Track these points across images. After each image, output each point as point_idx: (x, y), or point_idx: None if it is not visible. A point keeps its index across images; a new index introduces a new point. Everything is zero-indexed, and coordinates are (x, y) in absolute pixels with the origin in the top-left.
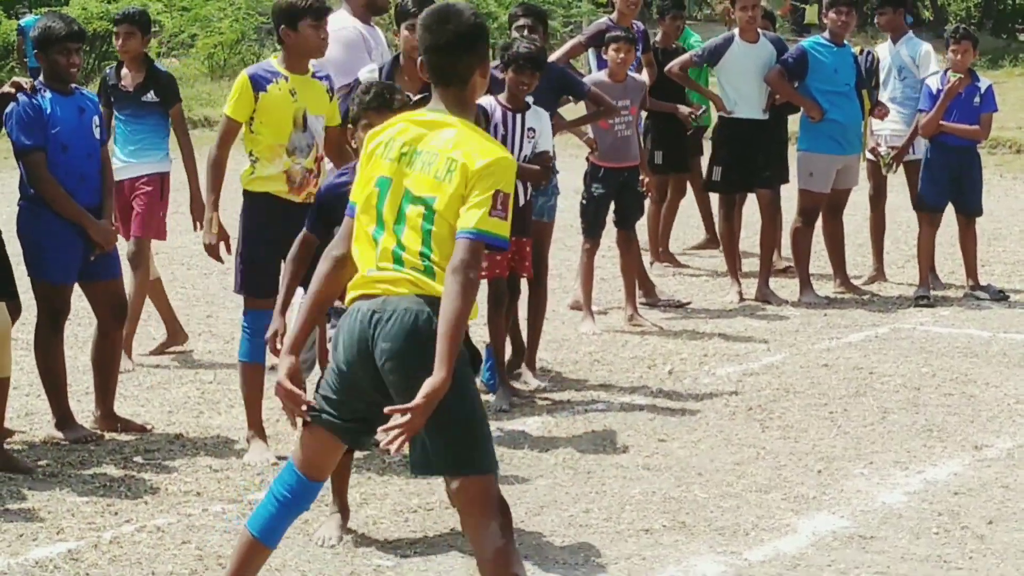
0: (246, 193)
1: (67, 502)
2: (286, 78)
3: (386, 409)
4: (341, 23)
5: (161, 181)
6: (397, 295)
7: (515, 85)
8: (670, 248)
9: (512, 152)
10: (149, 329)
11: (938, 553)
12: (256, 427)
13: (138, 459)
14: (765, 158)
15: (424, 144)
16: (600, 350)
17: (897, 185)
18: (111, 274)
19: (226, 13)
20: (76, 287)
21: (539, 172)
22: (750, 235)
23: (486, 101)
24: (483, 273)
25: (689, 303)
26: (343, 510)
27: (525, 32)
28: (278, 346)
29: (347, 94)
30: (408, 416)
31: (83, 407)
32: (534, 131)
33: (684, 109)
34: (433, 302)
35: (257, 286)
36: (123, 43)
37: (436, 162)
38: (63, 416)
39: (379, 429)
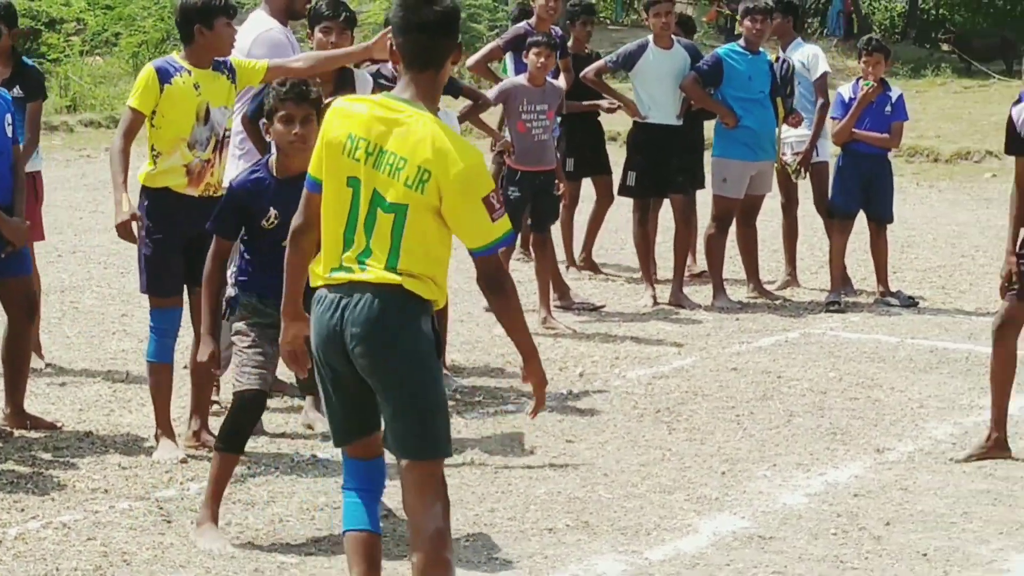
0: (145, 190)
1: None
2: (190, 72)
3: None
4: (266, 24)
5: (34, 180)
6: (362, 283)
7: None
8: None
9: None
10: (64, 328)
11: (835, 553)
12: (164, 426)
13: (46, 456)
14: (679, 163)
15: (390, 143)
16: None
17: (810, 191)
18: (22, 271)
19: (150, 12)
20: None
21: None
22: (667, 239)
23: None
24: None
25: (603, 306)
26: (214, 518)
27: None
28: (214, 371)
29: (259, 92)
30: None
31: None
32: None
33: (604, 102)
34: (396, 291)
35: (160, 285)
36: None
37: (405, 168)
38: None
39: (435, 442)
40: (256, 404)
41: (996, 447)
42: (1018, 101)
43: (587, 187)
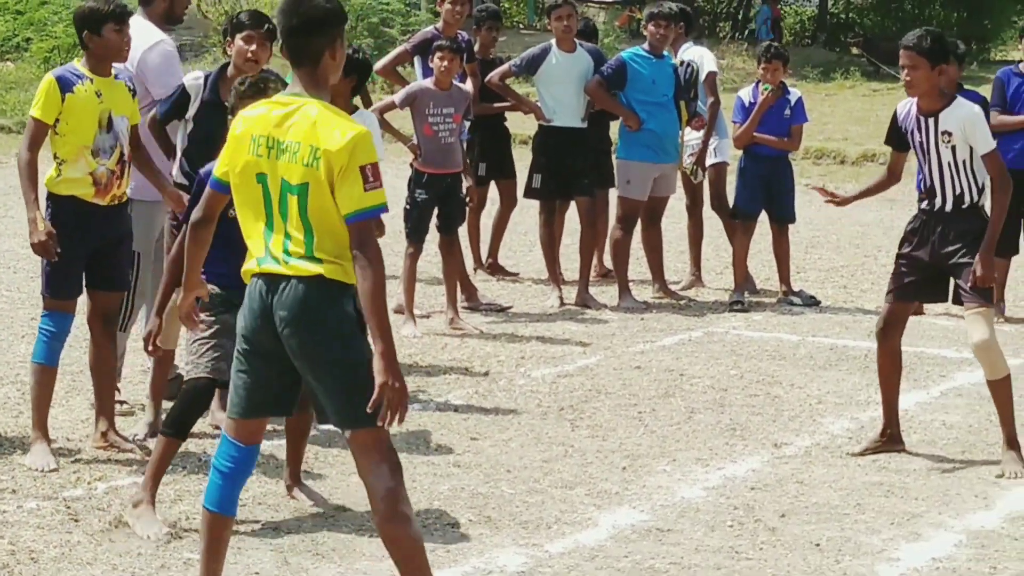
0: (51, 196)
1: None
2: (91, 80)
3: (371, 404)
4: (155, 35)
5: None
6: (288, 275)
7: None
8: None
9: None
10: None
11: (731, 544)
12: (41, 429)
13: None
14: (583, 165)
15: (284, 135)
16: (420, 352)
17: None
18: None
19: (60, 17)
20: None
21: None
22: (574, 241)
23: None
24: None
25: (510, 307)
26: (151, 500)
27: None
28: (151, 347)
29: (168, 98)
30: (386, 391)
31: None
32: None
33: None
34: (317, 280)
35: (60, 288)
36: None
37: (300, 151)
38: None
39: (374, 410)
40: (207, 393)
41: (890, 441)
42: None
43: (494, 190)
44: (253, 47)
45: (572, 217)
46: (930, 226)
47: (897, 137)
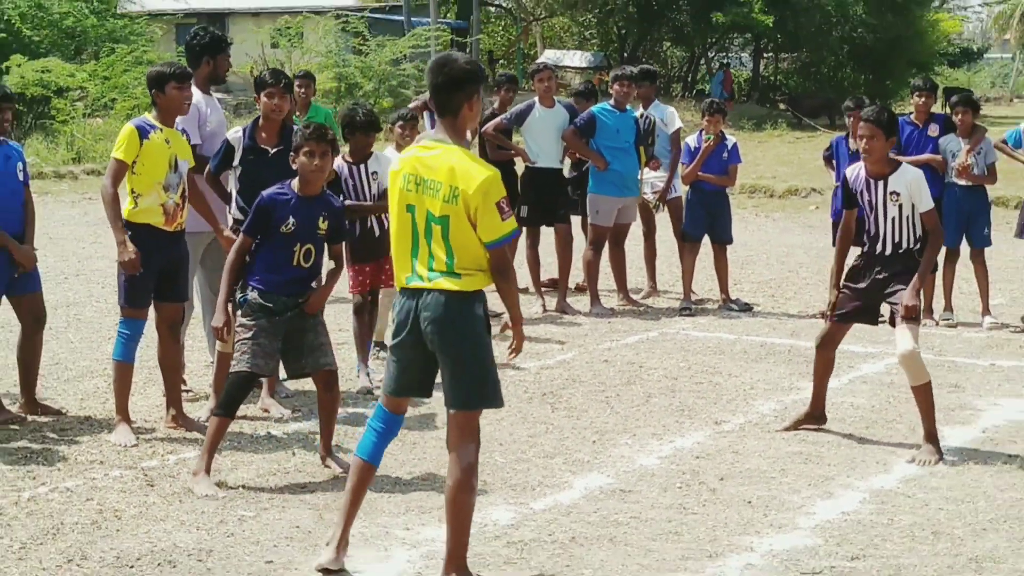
0: (129, 224)
1: None
2: (161, 129)
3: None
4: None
5: None
6: (432, 289)
7: (355, 145)
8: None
9: (362, 196)
10: (69, 335)
11: (679, 502)
12: (123, 413)
13: (53, 436)
14: (561, 199)
15: (428, 173)
16: None
17: (665, 220)
18: (33, 288)
19: (139, 81)
20: (4, 300)
21: (382, 206)
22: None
23: (336, 163)
24: (355, 289)
25: (502, 314)
26: (207, 469)
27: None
28: (224, 336)
29: (216, 154)
30: (518, 341)
31: (12, 396)
32: (376, 173)
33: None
34: (455, 294)
35: (136, 299)
36: None
37: (441, 189)
38: None
39: (475, 398)
40: (247, 382)
41: (810, 419)
42: (828, 148)
43: None
44: (276, 100)
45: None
46: (871, 266)
47: (851, 199)
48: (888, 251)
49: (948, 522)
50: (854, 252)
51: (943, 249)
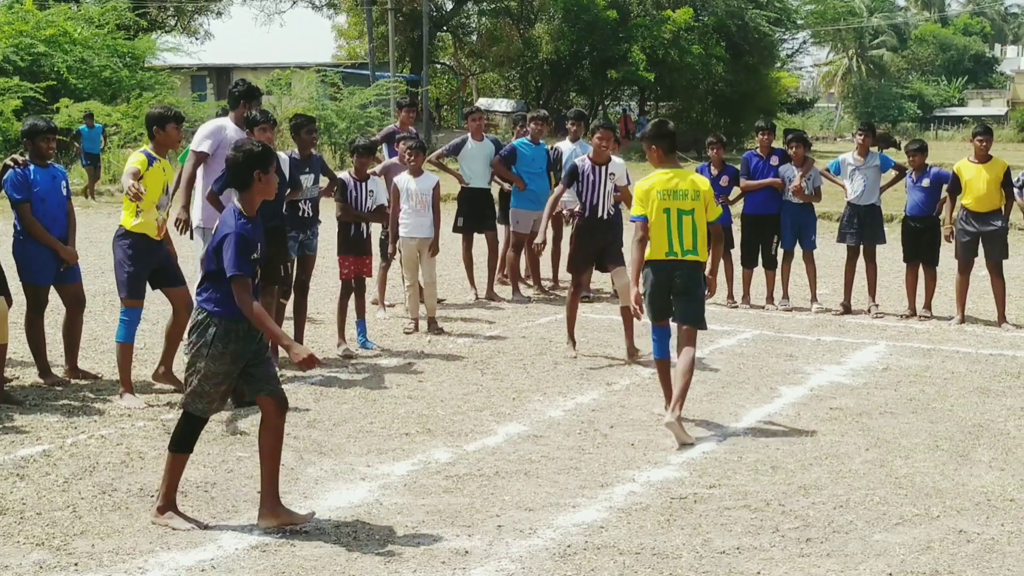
0: (130, 233)
1: (44, 421)
2: (159, 159)
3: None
4: (223, 124)
5: None
6: (683, 261)
7: (359, 164)
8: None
9: (361, 207)
10: (105, 316)
11: (579, 445)
12: (127, 385)
13: (91, 395)
14: (489, 211)
15: (676, 185)
16: (388, 328)
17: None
18: (74, 279)
19: None
20: (53, 288)
21: (374, 217)
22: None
23: (343, 175)
24: (348, 273)
25: (444, 299)
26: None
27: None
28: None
29: (218, 178)
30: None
31: (59, 364)
32: (373, 192)
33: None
34: (696, 263)
35: (134, 291)
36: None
37: (690, 192)
38: (43, 368)
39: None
40: (199, 423)
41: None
42: (698, 171)
43: None
44: (267, 133)
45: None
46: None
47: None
48: (604, 217)
49: (783, 459)
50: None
51: (781, 250)
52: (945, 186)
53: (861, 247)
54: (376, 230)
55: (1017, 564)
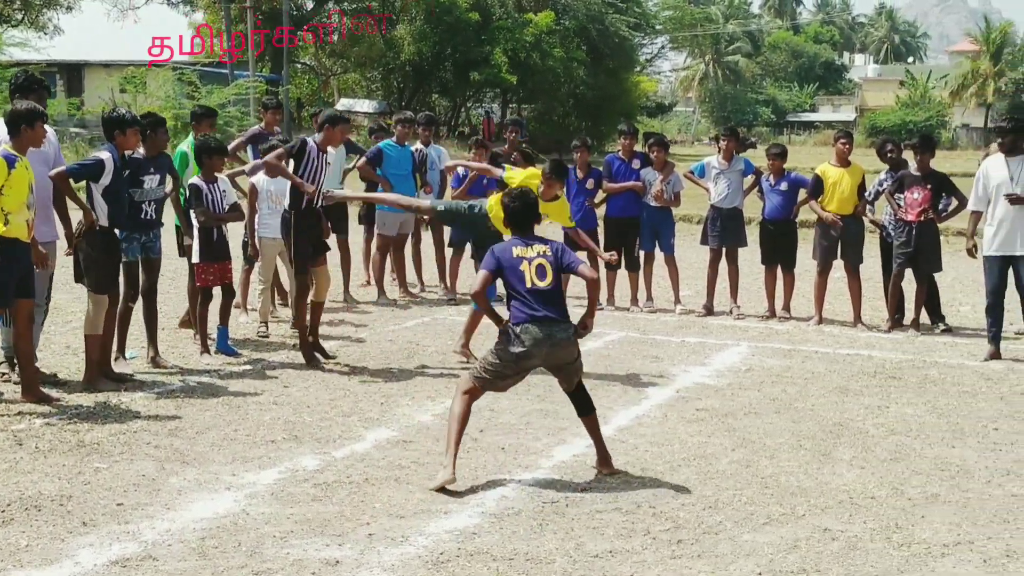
0: (3, 239)
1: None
2: (20, 158)
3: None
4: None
5: None
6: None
7: (209, 166)
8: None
9: (219, 208)
10: None
11: None
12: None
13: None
14: (344, 216)
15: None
16: (251, 333)
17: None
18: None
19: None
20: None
21: (232, 217)
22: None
23: (195, 181)
24: (211, 280)
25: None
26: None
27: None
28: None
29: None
30: None
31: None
32: (225, 192)
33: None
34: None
35: (4, 299)
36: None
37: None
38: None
39: None
40: None
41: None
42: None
43: None
44: (135, 137)
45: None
46: None
47: None
48: None
49: (652, 461)
50: None
51: (643, 252)
52: (803, 189)
53: (723, 249)
54: (235, 234)
55: (880, 560)
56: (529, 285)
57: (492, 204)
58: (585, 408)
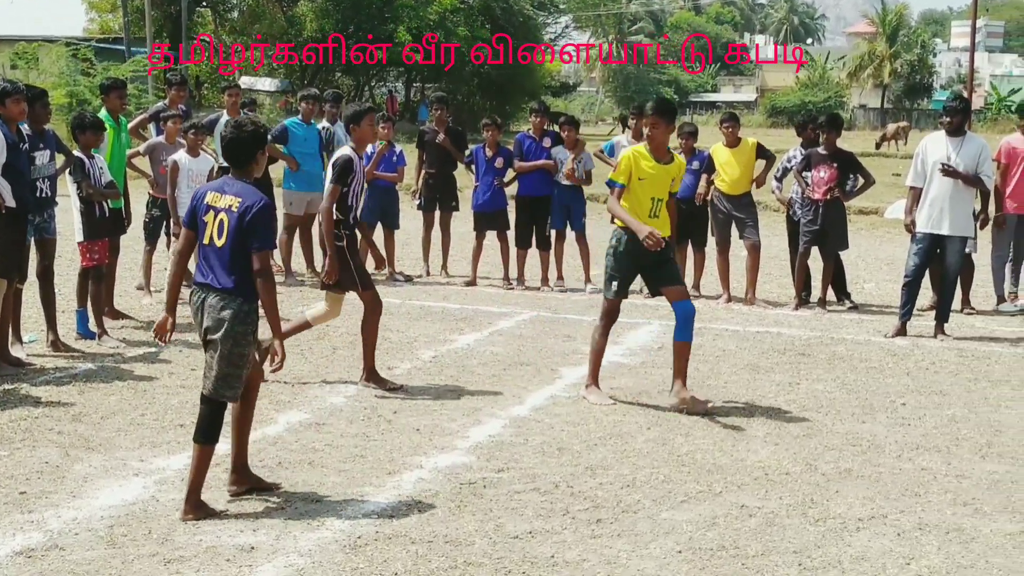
0: None
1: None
2: None
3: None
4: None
5: None
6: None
7: (85, 142)
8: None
9: (99, 183)
10: None
11: (363, 432)
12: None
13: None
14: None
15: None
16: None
17: None
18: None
19: None
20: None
21: (111, 193)
22: None
23: (78, 154)
24: (97, 259)
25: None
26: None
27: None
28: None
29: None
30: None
31: None
32: (103, 168)
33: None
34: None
35: None
36: None
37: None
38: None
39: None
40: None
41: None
42: (469, 154)
43: None
44: (17, 107)
45: None
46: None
47: None
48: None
49: (569, 440)
50: None
51: (554, 231)
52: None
53: None
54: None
55: (797, 535)
56: (207, 241)
57: None
58: None
